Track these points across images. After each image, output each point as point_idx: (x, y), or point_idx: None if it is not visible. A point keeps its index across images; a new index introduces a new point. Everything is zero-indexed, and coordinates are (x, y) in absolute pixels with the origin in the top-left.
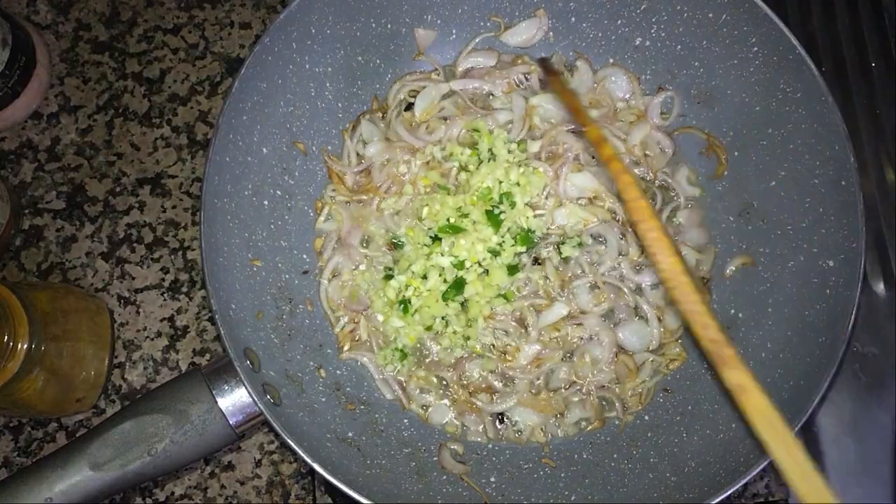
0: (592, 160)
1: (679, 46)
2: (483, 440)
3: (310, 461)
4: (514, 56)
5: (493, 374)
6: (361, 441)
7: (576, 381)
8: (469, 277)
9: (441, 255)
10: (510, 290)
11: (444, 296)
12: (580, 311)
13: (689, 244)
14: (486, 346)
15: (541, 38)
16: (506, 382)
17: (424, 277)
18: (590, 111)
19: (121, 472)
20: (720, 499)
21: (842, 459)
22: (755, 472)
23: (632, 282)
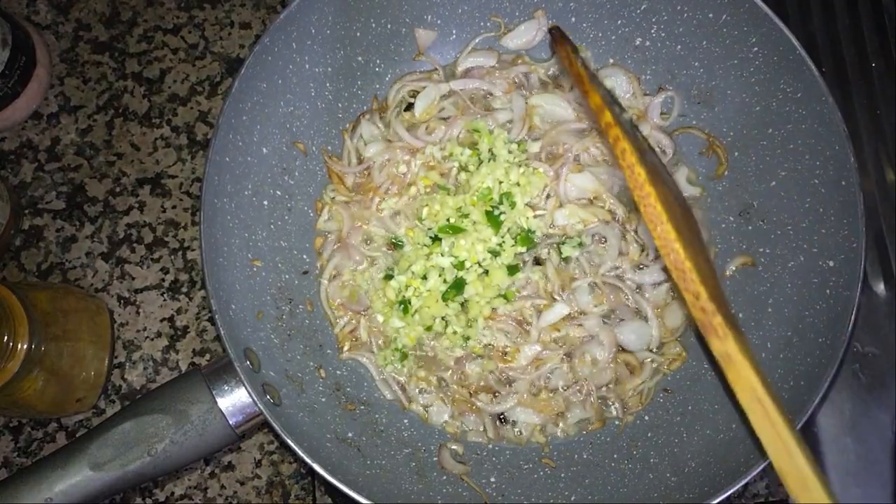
0: (592, 160)
1: (679, 46)
2: (483, 440)
3: (310, 461)
4: (515, 56)
5: (493, 375)
6: (361, 441)
7: (576, 382)
8: (469, 278)
9: (441, 256)
10: (510, 291)
11: (444, 296)
12: (580, 312)
13: None
14: (487, 347)
15: (541, 40)
16: (506, 383)
17: (424, 278)
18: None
19: (121, 473)
20: (720, 499)
21: (842, 459)
22: (755, 473)
23: (632, 281)
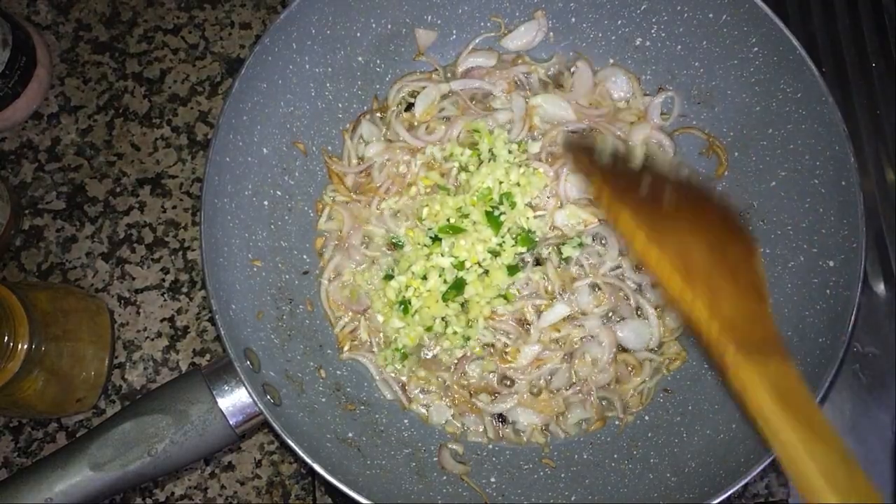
0: None
1: (679, 46)
2: (483, 441)
3: (310, 461)
4: (515, 56)
5: (494, 375)
6: (361, 441)
7: (576, 382)
8: (469, 278)
9: (441, 256)
10: (510, 292)
11: (445, 296)
12: (581, 312)
13: None
14: (486, 347)
15: (541, 40)
16: (506, 383)
17: (424, 278)
18: (590, 111)
19: (121, 473)
20: (720, 499)
21: None
22: (755, 473)
23: (633, 281)
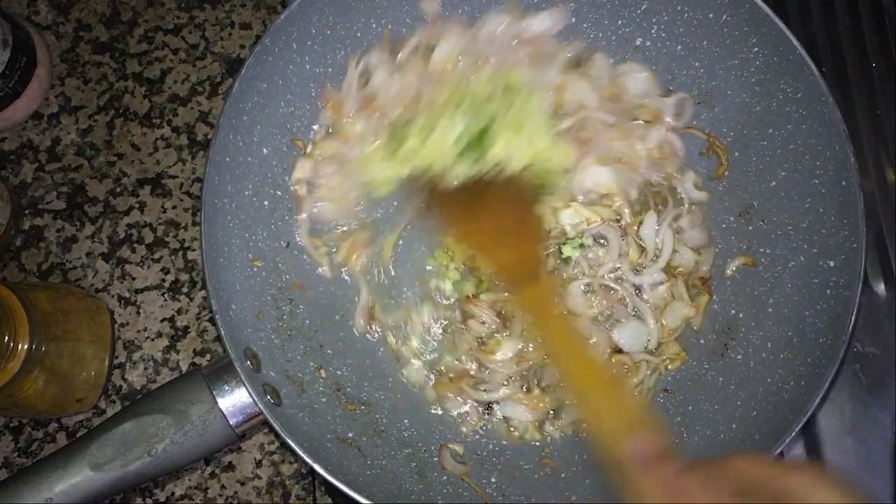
0: (615, 158)
1: (679, 47)
2: (468, 429)
3: (310, 461)
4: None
5: (473, 361)
6: (362, 441)
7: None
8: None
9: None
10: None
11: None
12: (571, 314)
13: (689, 245)
14: (470, 336)
15: (560, 29)
16: (486, 372)
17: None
18: (608, 104)
19: (121, 473)
20: None
21: (842, 459)
22: None
23: (631, 283)
